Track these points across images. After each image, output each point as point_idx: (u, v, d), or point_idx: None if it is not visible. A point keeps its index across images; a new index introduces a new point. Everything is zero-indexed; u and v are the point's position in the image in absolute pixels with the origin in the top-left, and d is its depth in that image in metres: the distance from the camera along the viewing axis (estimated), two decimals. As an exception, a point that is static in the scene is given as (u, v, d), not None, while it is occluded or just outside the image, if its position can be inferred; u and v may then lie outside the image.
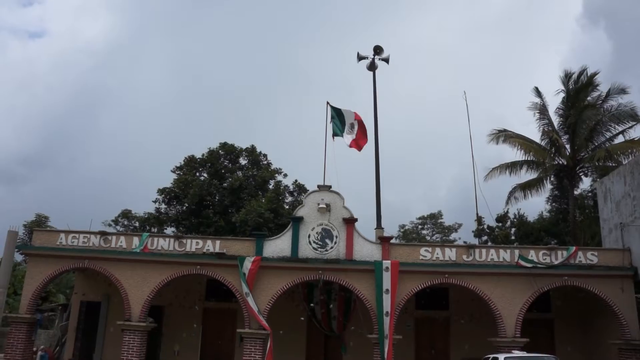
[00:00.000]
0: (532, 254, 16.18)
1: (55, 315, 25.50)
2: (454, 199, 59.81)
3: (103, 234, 17.14)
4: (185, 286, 18.07)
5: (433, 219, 43.20)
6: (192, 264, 16.43)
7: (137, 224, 30.07)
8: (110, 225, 30.33)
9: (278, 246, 16.52)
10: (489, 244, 28.26)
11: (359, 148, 19.47)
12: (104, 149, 74.50)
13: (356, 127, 19.42)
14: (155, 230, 28.50)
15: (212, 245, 16.62)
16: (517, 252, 16.28)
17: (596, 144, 22.88)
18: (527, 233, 28.50)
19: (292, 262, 16.22)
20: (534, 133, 26.64)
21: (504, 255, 16.27)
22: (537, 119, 24.20)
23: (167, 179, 30.37)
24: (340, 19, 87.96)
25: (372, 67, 23.17)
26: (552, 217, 29.15)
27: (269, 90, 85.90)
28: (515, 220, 30.41)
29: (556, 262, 16.01)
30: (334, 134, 19.28)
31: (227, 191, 28.60)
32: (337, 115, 19.59)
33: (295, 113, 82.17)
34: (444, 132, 74.04)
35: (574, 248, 16.43)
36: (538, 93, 24.31)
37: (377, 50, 23.24)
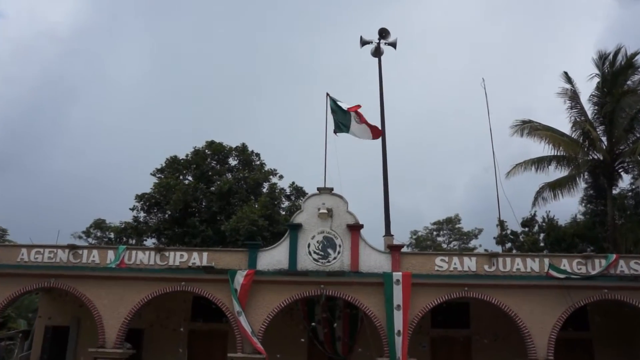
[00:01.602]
0: (564, 263, 16.13)
1: (15, 345, 25.34)
2: (473, 201, 59.93)
3: (72, 247, 17.11)
4: (169, 305, 18.07)
5: (449, 224, 43.38)
6: (175, 280, 16.41)
7: (112, 236, 30.11)
8: (80, 237, 30.49)
9: (274, 257, 16.58)
10: (514, 252, 28.17)
11: (377, 135, 19.32)
12: (73, 149, 74.44)
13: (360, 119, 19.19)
14: (134, 242, 28.51)
15: (199, 258, 16.69)
16: (547, 261, 16.22)
17: (638, 135, 22.79)
18: (558, 239, 28.40)
19: (290, 276, 16.25)
20: (564, 124, 26.64)
21: (532, 264, 16.24)
22: (567, 108, 24.29)
23: (147, 183, 30.41)
24: (341, 4, 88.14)
25: (377, 52, 23.06)
26: (587, 221, 29.06)
27: (262, 82, 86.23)
28: (544, 224, 30.34)
29: (593, 273, 15.92)
30: (336, 130, 19.16)
31: (216, 196, 28.56)
32: (339, 109, 19.39)
33: (291, 107, 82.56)
34: (460, 125, 74.16)
35: (614, 256, 16.33)
36: (568, 78, 24.28)
37: (383, 33, 23.12)
